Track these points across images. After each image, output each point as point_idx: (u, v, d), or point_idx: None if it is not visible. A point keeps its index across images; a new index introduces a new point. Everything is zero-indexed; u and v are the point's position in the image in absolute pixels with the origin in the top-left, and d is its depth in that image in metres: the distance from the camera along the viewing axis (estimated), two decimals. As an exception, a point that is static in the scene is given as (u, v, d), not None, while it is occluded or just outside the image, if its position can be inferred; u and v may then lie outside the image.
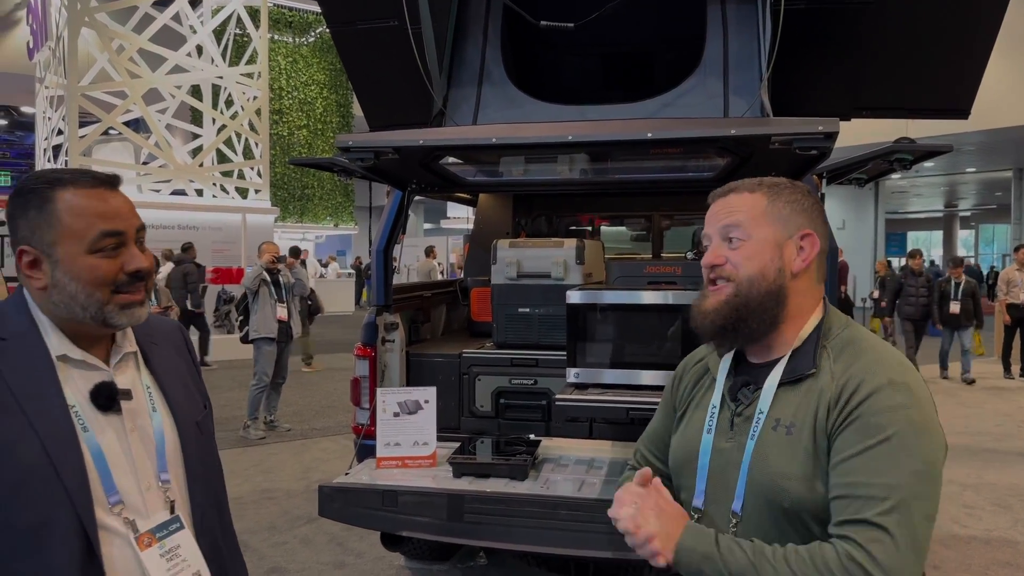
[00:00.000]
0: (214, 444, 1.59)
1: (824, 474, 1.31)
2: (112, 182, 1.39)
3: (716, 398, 1.49)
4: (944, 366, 11.30)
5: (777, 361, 1.42)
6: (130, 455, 1.37)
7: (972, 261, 33.97)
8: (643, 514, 1.37)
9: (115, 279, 1.35)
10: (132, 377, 1.44)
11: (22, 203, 1.35)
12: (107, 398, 1.36)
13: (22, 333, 1.33)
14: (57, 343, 1.35)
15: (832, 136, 2.63)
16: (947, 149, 3.19)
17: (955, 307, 10.69)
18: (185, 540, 1.41)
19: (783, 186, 1.46)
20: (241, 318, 7.63)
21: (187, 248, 12.52)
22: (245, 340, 7.63)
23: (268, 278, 7.53)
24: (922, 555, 1.23)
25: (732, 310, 1.41)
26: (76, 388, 1.34)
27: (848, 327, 1.44)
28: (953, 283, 10.86)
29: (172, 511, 1.41)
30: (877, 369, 1.32)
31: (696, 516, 1.46)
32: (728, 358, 1.52)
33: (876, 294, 12.66)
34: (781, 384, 1.40)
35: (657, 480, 1.46)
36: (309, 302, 11.04)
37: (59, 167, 1.57)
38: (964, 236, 39.47)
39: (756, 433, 1.38)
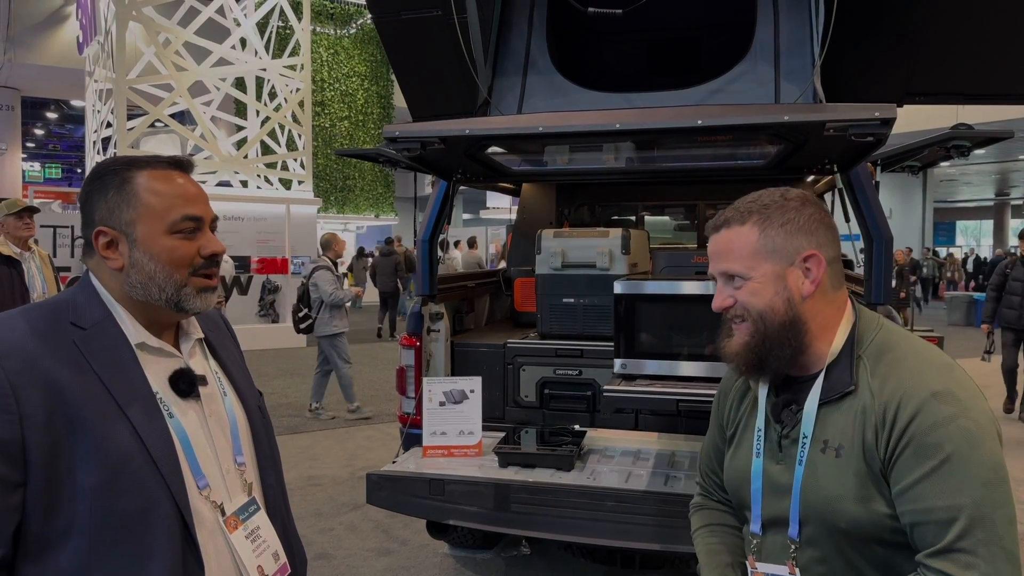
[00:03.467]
0: (272, 427, 1.62)
1: (880, 494, 1.29)
2: (185, 166, 1.41)
3: (760, 420, 1.46)
4: None
5: (815, 376, 1.39)
6: (211, 439, 1.39)
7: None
8: None
9: (192, 261, 1.36)
10: (202, 363, 1.46)
11: (100, 184, 1.35)
12: (188, 384, 1.37)
13: (101, 322, 1.32)
14: (134, 331, 1.35)
15: (889, 122, 2.56)
16: (1007, 135, 3.08)
17: None
18: (263, 521, 1.44)
19: (774, 207, 1.39)
20: (305, 310, 7.74)
21: None
22: (307, 331, 7.77)
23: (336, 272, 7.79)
24: (1017, 561, 1.20)
25: (754, 348, 1.39)
26: (155, 375, 1.34)
27: (880, 329, 1.40)
28: None
29: (249, 493, 1.44)
30: (917, 382, 1.29)
31: (755, 541, 1.45)
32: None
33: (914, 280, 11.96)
34: (822, 404, 1.37)
35: None
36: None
37: (130, 155, 1.57)
38: (1016, 225, 38.38)
39: (804, 457, 1.36)
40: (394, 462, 3.34)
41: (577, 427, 3.55)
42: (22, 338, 1.22)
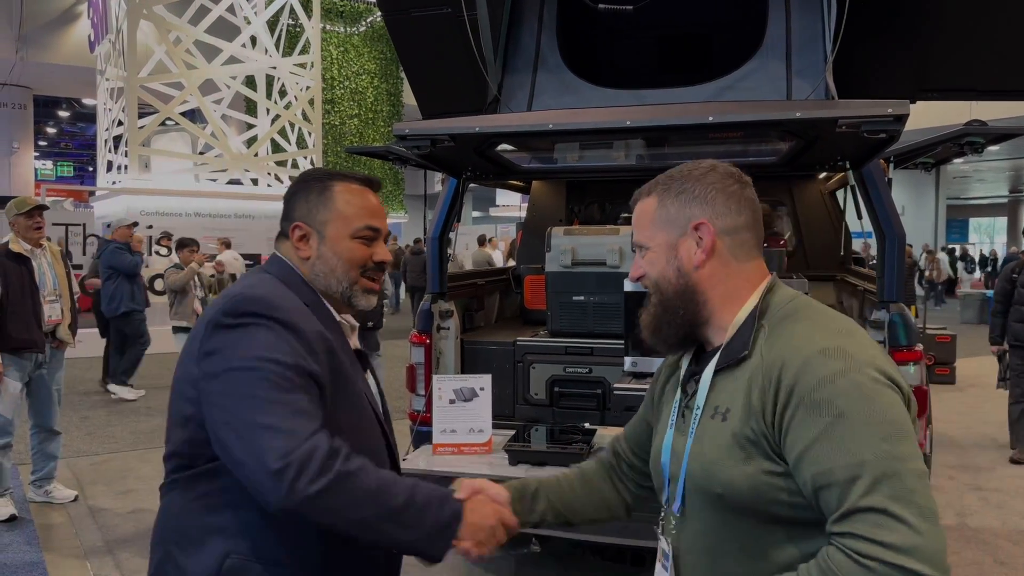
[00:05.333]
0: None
1: (759, 456, 1.22)
2: (375, 185, 1.68)
3: (678, 391, 1.45)
4: None
5: (718, 349, 1.36)
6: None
7: (1039, 248, 32.78)
8: None
9: (365, 263, 1.61)
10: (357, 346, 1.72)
11: (304, 188, 1.63)
12: (364, 363, 1.67)
13: (315, 301, 1.58)
14: (333, 311, 1.61)
15: (902, 119, 2.54)
16: (1022, 132, 3.06)
17: None
18: None
19: (675, 178, 1.40)
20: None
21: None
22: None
23: None
24: (933, 515, 1.10)
25: (654, 316, 1.41)
26: None
27: (793, 300, 1.34)
28: None
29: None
30: (806, 340, 1.23)
31: (662, 514, 1.44)
32: (691, 352, 1.47)
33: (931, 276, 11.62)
34: (719, 371, 1.32)
35: None
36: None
37: (331, 169, 1.81)
38: (1030, 222, 38.11)
39: (695, 427, 1.33)
40: (404, 459, 3.34)
41: (587, 425, 3.54)
42: (299, 304, 1.51)
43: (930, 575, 1.06)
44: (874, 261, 3.41)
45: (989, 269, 28.29)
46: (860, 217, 3.39)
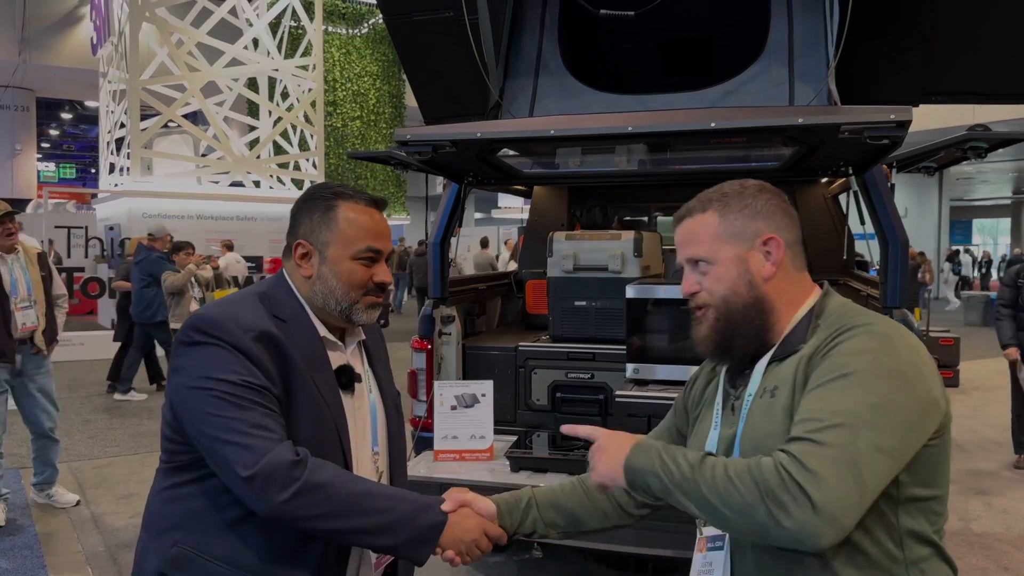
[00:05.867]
0: (403, 424, 1.86)
1: None
2: (381, 204, 1.68)
3: (720, 393, 1.52)
4: None
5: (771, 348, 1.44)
6: (355, 428, 1.64)
7: (1042, 250, 32.66)
8: (598, 445, 1.41)
9: (366, 285, 1.62)
10: (358, 362, 1.72)
11: (309, 206, 1.64)
12: (348, 378, 1.64)
13: (297, 316, 1.60)
14: (319, 326, 1.62)
15: (905, 125, 2.52)
16: (1024, 137, 3.04)
17: None
18: None
19: (732, 195, 1.46)
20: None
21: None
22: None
23: None
24: (861, 481, 1.16)
25: (720, 332, 1.43)
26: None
27: (849, 304, 1.43)
28: None
29: (380, 479, 1.70)
30: (861, 322, 1.32)
31: None
32: None
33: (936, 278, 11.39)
34: (771, 362, 1.41)
35: None
36: None
37: (340, 184, 1.77)
38: (1033, 223, 38.01)
39: (747, 408, 1.40)
40: (405, 466, 3.33)
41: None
42: (262, 321, 1.52)
43: (821, 510, 1.12)
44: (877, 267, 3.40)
45: (984, 271, 28.22)
46: (863, 223, 3.37)
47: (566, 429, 1.54)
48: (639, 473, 1.33)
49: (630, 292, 3.39)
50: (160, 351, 9.00)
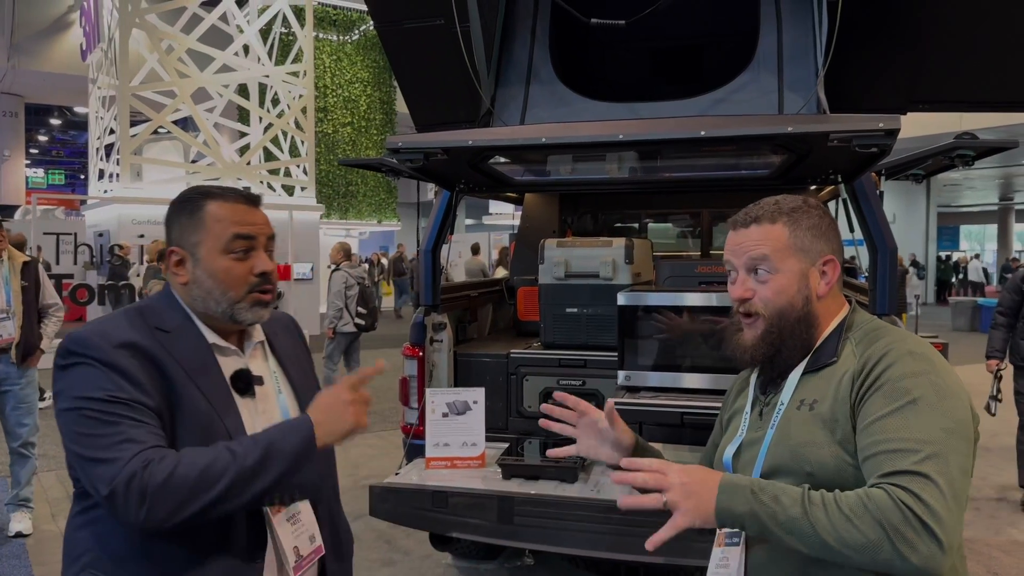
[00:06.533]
0: None
1: (845, 442, 1.35)
2: (253, 200, 1.62)
3: (749, 400, 1.58)
4: None
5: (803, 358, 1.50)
6: (256, 431, 1.55)
7: (1029, 256, 32.89)
8: (678, 483, 1.33)
9: (247, 280, 1.56)
10: (261, 364, 1.67)
11: (177, 210, 1.59)
12: (245, 383, 1.59)
13: (181, 325, 1.55)
14: (207, 333, 1.57)
15: (893, 134, 2.55)
16: (1012, 145, 3.07)
17: None
18: (304, 507, 1.63)
19: (801, 211, 1.50)
20: (363, 311, 8.32)
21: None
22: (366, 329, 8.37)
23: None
24: (962, 507, 1.24)
25: (769, 344, 1.48)
26: (224, 372, 1.57)
27: (875, 320, 1.52)
28: None
29: None
30: (897, 344, 1.38)
31: None
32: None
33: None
34: (804, 374, 1.47)
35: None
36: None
37: (211, 185, 1.69)
38: (1020, 230, 38.28)
39: (777, 419, 1.45)
40: (397, 473, 3.33)
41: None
42: (136, 334, 1.48)
43: (944, 544, 1.18)
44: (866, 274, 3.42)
45: (962, 276, 28.33)
46: (852, 231, 3.39)
47: (619, 479, 1.40)
48: (735, 517, 1.30)
49: (621, 299, 3.40)
50: None
